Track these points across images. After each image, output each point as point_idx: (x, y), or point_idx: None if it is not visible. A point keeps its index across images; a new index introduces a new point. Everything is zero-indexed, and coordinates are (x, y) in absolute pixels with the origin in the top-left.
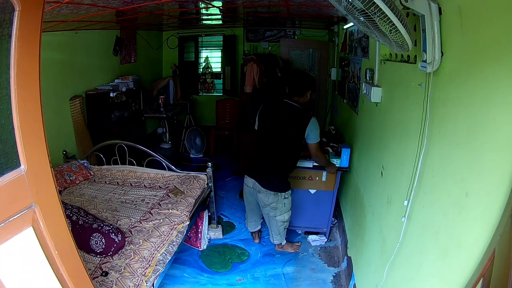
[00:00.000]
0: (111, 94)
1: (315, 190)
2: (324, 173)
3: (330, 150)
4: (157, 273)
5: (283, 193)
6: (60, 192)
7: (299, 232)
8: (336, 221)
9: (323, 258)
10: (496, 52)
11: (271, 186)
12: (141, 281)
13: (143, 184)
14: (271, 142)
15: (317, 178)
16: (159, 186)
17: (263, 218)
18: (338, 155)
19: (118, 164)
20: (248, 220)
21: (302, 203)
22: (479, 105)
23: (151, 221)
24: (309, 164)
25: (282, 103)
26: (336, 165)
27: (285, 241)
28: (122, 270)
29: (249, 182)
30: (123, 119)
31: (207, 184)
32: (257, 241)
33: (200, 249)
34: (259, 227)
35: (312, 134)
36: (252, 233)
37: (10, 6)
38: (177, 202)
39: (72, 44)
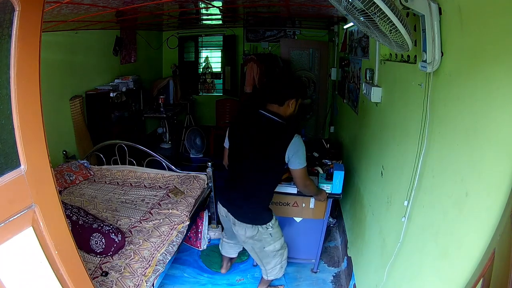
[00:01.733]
0: (111, 94)
1: (301, 219)
2: (312, 200)
3: (321, 171)
4: (157, 273)
5: (264, 225)
6: (60, 192)
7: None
8: (336, 221)
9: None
10: (496, 52)
11: (246, 218)
12: (141, 281)
13: (143, 184)
14: (244, 166)
15: (303, 205)
16: (159, 186)
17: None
18: (329, 178)
19: (118, 164)
20: (226, 239)
21: (286, 232)
22: (479, 105)
23: (151, 221)
24: (293, 189)
25: (257, 116)
26: (327, 191)
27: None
28: (122, 270)
29: (222, 211)
30: (123, 119)
31: (207, 184)
32: (223, 271)
33: (200, 249)
34: (236, 254)
35: (296, 158)
36: (223, 257)
37: (10, 6)
38: (177, 202)
39: (72, 44)
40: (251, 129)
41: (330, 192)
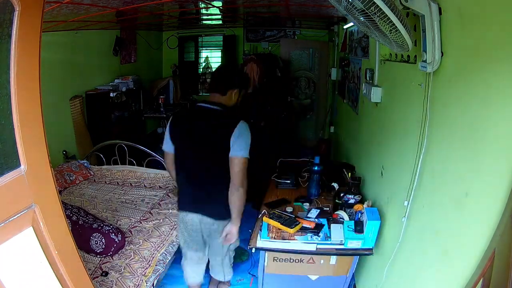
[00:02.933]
0: (111, 94)
1: (317, 276)
2: (334, 258)
3: (345, 217)
4: (157, 273)
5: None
6: (60, 192)
7: None
8: None
9: None
10: (496, 52)
11: (223, 213)
12: (141, 281)
13: (143, 184)
14: (199, 163)
15: (321, 262)
16: (159, 186)
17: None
18: (358, 225)
19: (118, 164)
20: (191, 268)
21: None
22: (479, 105)
23: (151, 221)
24: (311, 246)
25: (197, 110)
26: (357, 247)
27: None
28: (122, 270)
29: (193, 219)
30: (123, 119)
31: None
32: None
33: None
34: (201, 278)
35: (238, 144)
36: (190, 286)
37: (10, 6)
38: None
39: (72, 44)
40: (194, 125)
41: (359, 247)
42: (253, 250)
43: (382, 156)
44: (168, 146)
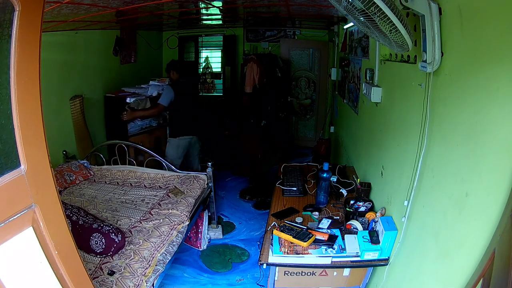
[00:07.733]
0: (128, 100)
1: None
2: (348, 269)
3: (359, 227)
4: (157, 273)
5: None
6: (60, 192)
7: None
8: None
9: None
10: (496, 52)
11: None
12: (141, 281)
13: (143, 184)
14: None
15: (334, 274)
16: (159, 186)
17: None
18: (373, 235)
19: (118, 164)
20: None
21: None
22: (479, 105)
23: (151, 221)
24: (326, 260)
25: None
26: (373, 258)
27: None
28: (122, 270)
29: None
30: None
31: (207, 184)
32: None
33: (200, 249)
34: None
35: None
36: None
37: (10, 6)
38: (177, 202)
39: (72, 44)
40: None
41: (376, 258)
42: (264, 266)
43: (382, 156)
44: None
